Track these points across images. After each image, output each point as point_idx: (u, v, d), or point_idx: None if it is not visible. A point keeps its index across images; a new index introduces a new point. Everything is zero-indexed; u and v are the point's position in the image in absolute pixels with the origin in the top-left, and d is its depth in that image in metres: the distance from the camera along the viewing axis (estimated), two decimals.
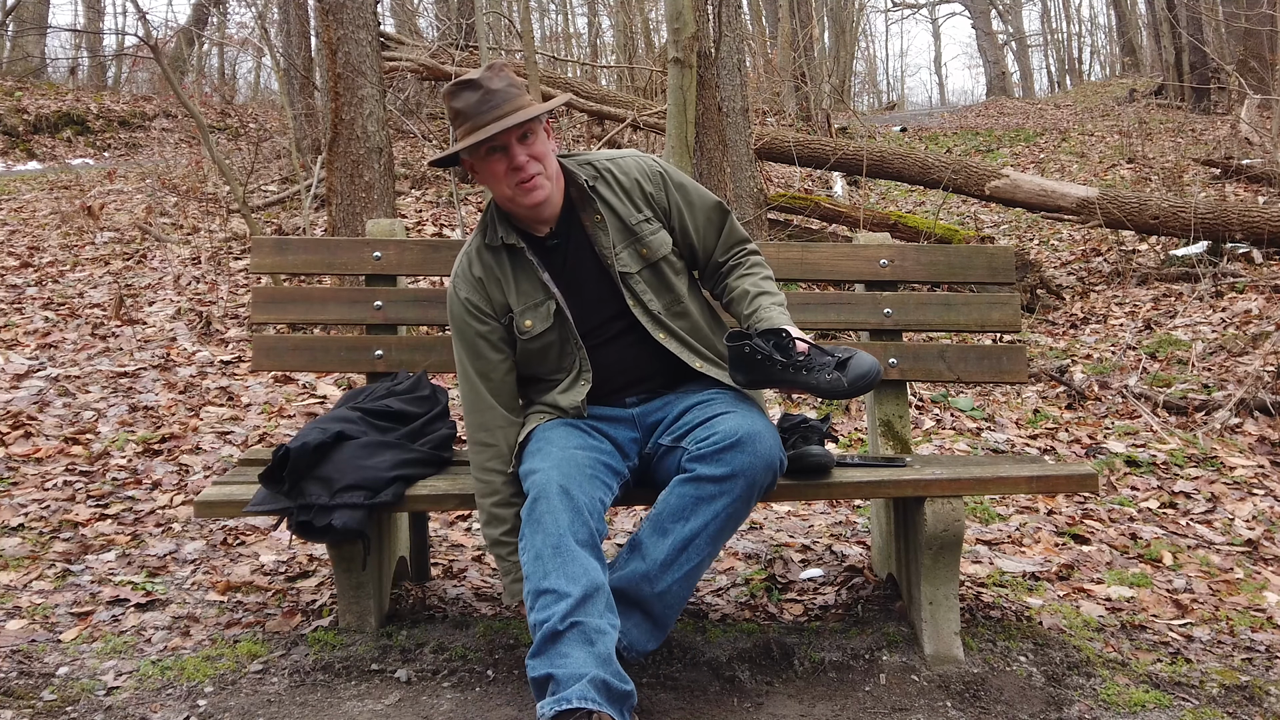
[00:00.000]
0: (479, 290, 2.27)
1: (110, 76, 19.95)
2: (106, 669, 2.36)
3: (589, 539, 2.02)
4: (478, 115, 2.13)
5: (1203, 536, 3.41)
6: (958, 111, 21.62)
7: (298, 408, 4.43)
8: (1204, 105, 14.26)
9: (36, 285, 6.72)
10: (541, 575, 1.97)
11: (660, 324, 2.29)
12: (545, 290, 2.25)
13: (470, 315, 2.27)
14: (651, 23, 14.31)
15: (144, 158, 13.00)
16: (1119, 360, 5.38)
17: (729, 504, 2.06)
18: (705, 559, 2.11)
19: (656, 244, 2.29)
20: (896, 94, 35.37)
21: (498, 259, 2.28)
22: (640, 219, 2.29)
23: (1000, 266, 2.84)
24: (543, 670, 1.90)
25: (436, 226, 8.02)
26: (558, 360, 2.29)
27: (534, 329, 2.25)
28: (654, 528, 2.11)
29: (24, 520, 3.26)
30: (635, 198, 2.30)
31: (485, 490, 2.26)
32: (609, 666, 1.90)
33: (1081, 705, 2.22)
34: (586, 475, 2.10)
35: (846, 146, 8.77)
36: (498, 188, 2.20)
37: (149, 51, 7.76)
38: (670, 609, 2.12)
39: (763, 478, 2.08)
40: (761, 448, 2.06)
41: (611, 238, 2.26)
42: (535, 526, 2.02)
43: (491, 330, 2.28)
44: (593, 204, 2.27)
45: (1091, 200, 7.20)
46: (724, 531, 2.11)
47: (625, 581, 2.10)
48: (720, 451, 2.06)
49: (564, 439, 2.18)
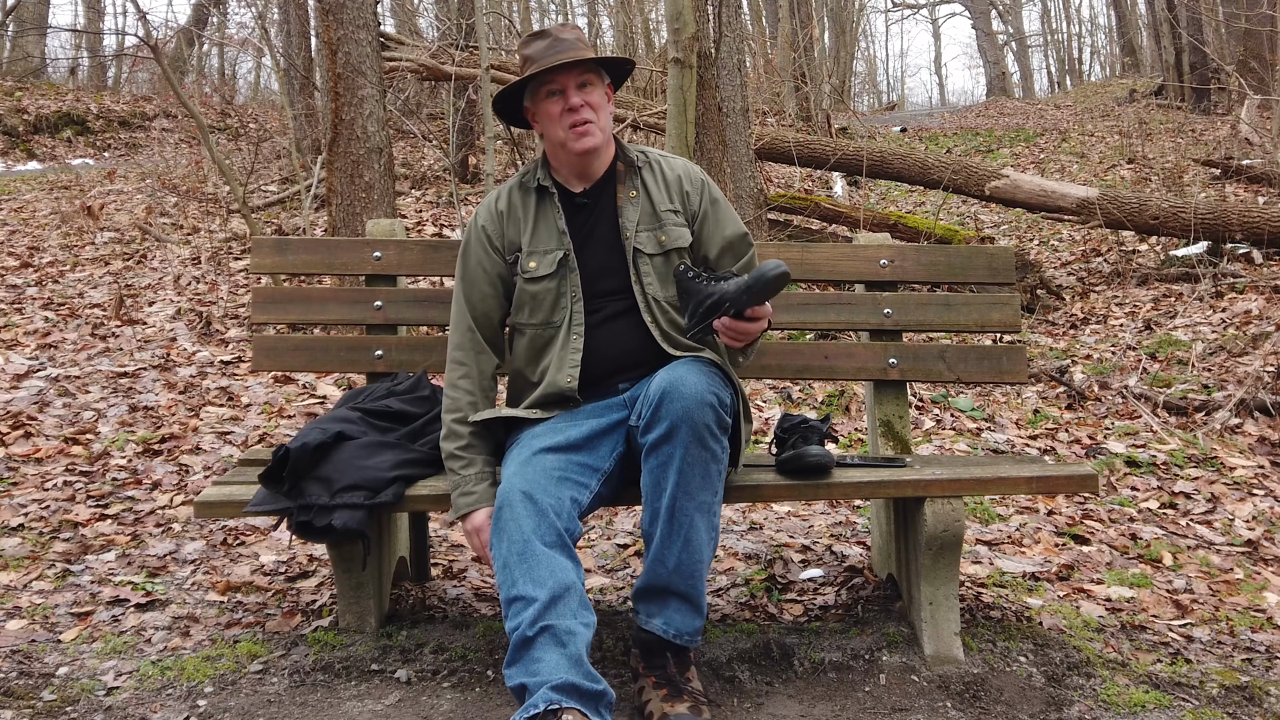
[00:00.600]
0: (496, 223, 2.39)
1: (110, 76, 19.95)
2: (106, 669, 2.36)
3: (556, 539, 2.03)
4: (543, 59, 2.28)
5: (1203, 537, 3.41)
6: (958, 112, 21.62)
7: (298, 408, 4.43)
8: (1204, 105, 14.26)
9: (36, 285, 6.72)
10: (510, 583, 1.99)
11: (651, 308, 2.33)
12: (559, 240, 2.34)
13: (480, 243, 2.39)
14: (651, 23, 14.32)
15: (144, 158, 13.01)
16: (1119, 360, 5.38)
17: (683, 455, 2.05)
18: (696, 519, 2.08)
19: (675, 235, 2.38)
20: (896, 94, 35.39)
21: (525, 200, 2.40)
22: (668, 209, 2.40)
23: (1000, 267, 2.84)
24: (518, 680, 1.93)
25: (436, 226, 8.02)
26: (550, 310, 2.33)
27: (537, 270, 2.33)
28: (648, 514, 2.14)
29: (24, 520, 3.26)
30: (672, 191, 2.42)
31: (450, 405, 2.35)
32: (579, 668, 1.92)
33: (1081, 705, 2.22)
34: (554, 478, 2.11)
35: (846, 147, 8.77)
36: (552, 129, 2.32)
37: (149, 52, 7.76)
38: (690, 580, 2.12)
39: (701, 414, 2.04)
40: (687, 389, 2.05)
41: (638, 216, 2.37)
42: (500, 534, 2.04)
43: (494, 265, 2.38)
44: (633, 180, 2.40)
45: (1091, 200, 7.19)
46: (697, 485, 2.07)
47: (647, 575, 2.15)
48: (654, 413, 2.07)
49: (537, 441, 2.19)
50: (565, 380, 2.28)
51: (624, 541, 3.28)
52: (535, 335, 2.35)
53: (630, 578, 2.99)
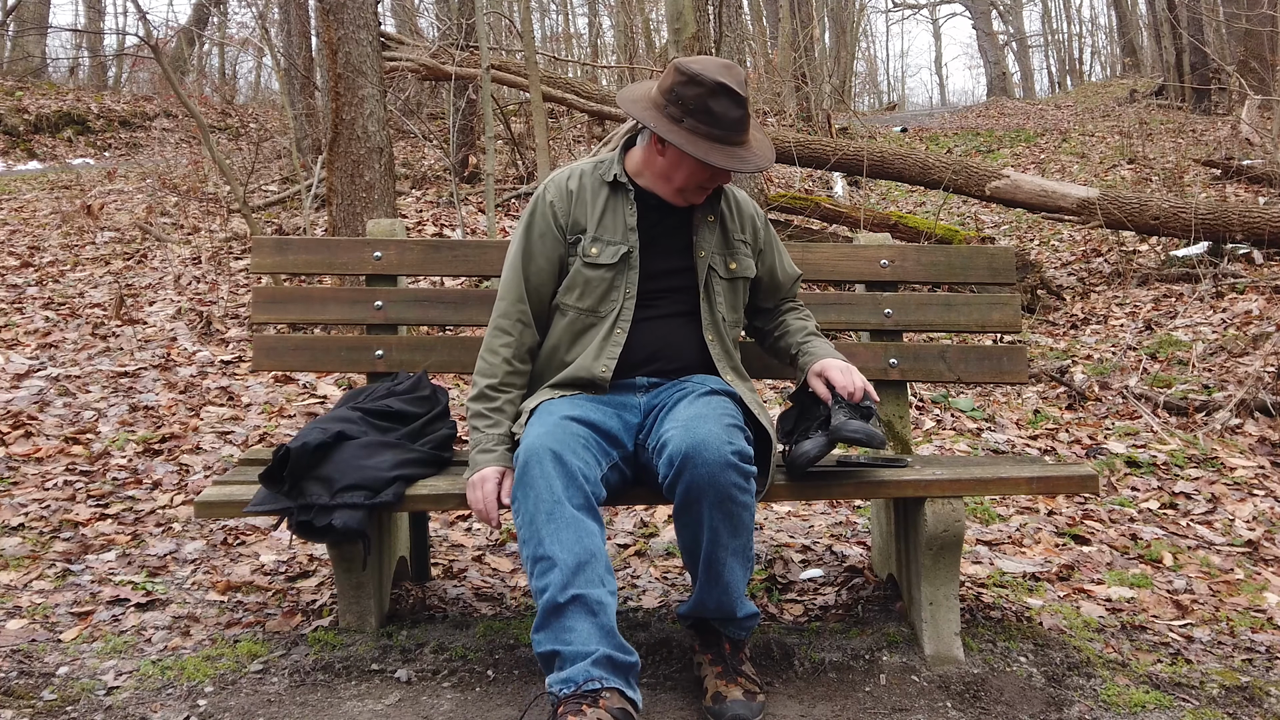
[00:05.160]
0: (565, 201, 2.36)
1: (111, 76, 19.96)
2: (106, 669, 2.36)
3: (584, 502, 2.04)
4: (725, 133, 2.19)
5: (1203, 537, 3.41)
6: (958, 112, 21.62)
7: (298, 408, 4.43)
8: (1204, 106, 14.27)
9: (37, 285, 6.72)
10: (537, 541, 2.00)
11: (718, 326, 2.39)
12: (625, 235, 2.33)
13: (545, 218, 2.35)
14: (652, 23, 14.32)
15: (144, 158, 13.01)
16: (1119, 361, 5.38)
17: (710, 516, 2.05)
18: (731, 562, 2.11)
19: (744, 264, 2.43)
20: (897, 94, 35.39)
21: (597, 187, 2.37)
22: (740, 238, 2.44)
23: (1001, 267, 2.84)
24: (549, 646, 1.94)
25: (437, 226, 8.02)
26: (599, 299, 2.32)
27: (599, 257, 2.31)
28: (686, 555, 2.16)
29: (24, 520, 3.26)
30: (744, 222, 2.47)
31: (487, 370, 2.34)
32: (612, 639, 1.94)
33: (1081, 706, 2.22)
34: (580, 444, 2.11)
35: (847, 147, 8.77)
36: (675, 178, 2.28)
37: (149, 51, 7.76)
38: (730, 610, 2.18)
39: (724, 477, 2.01)
40: (709, 454, 2.01)
41: (714, 240, 2.39)
42: (527, 490, 2.03)
43: (555, 242, 2.34)
44: (713, 205, 2.40)
45: (1092, 201, 7.19)
46: (727, 536, 2.08)
47: (693, 607, 2.21)
48: (676, 476, 2.04)
49: (561, 409, 2.20)
50: (600, 370, 2.29)
51: (624, 541, 3.28)
52: (577, 318, 2.34)
53: (631, 577, 2.99)
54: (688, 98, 2.19)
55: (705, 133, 2.18)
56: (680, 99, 2.19)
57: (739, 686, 2.14)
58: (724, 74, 2.19)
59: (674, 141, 2.19)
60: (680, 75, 2.20)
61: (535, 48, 8.30)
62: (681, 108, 2.20)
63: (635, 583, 2.94)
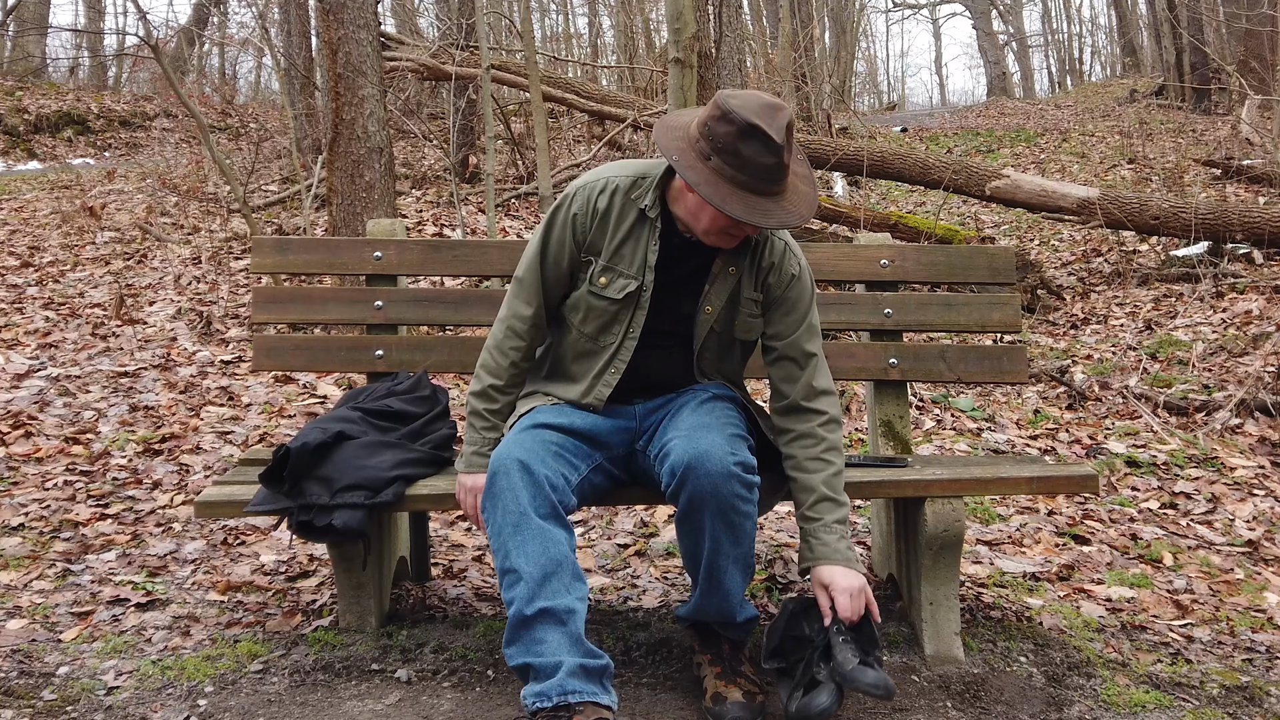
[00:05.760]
0: (588, 218, 2.20)
1: (111, 76, 19.96)
2: (106, 669, 2.36)
3: (551, 511, 2.04)
4: (751, 179, 1.97)
5: (1203, 537, 3.41)
6: (958, 112, 21.62)
7: (298, 408, 4.43)
8: (1205, 106, 14.27)
9: (37, 285, 6.72)
10: (504, 554, 2.01)
11: (706, 374, 2.31)
12: (640, 271, 2.19)
13: (565, 226, 2.22)
14: (652, 23, 14.32)
15: (144, 157, 13.01)
16: (1119, 361, 5.38)
17: (712, 525, 2.05)
18: (731, 569, 2.11)
19: (747, 326, 2.26)
20: (897, 94, 35.39)
21: (624, 210, 2.19)
22: (750, 298, 2.24)
23: (1001, 267, 2.84)
24: (521, 659, 1.96)
25: (437, 226, 8.02)
26: (600, 330, 2.24)
27: (606, 289, 2.20)
28: (687, 560, 2.16)
29: (24, 520, 3.26)
30: (762, 276, 2.24)
31: (494, 369, 2.28)
32: (580, 647, 1.96)
33: (1081, 706, 2.22)
34: (550, 452, 2.11)
35: (847, 147, 8.77)
36: (700, 219, 2.09)
37: (149, 51, 7.76)
38: (729, 615, 2.18)
39: (726, 487, 2.00)
40: (712, 464, 1.99)
41: (726, 294, 2.22)
42: (495, 501, 2.04)
43: (571, 252, 2.23)
44: (739, 257, 2.20)
45: (1092, 201, 7.19)
46: (729, 544, 2.07)
47: (693, 611, 2.22)
48: (678, 486, 2.03)
49: (541, 417, 2.20)
50: (592, 400, 2.25)
51: (624, 541, 3.28)
52: (578, 339, 2.28)
53: (631, 577, 2.99)
54: (718, 135, 1.97)
55: (730, 176, 1.97)
56: (712, 135, 1.98)
57: (739, 687, 2.14)
58: (760, 115, 1.96)
59: (690, 180, 1.98)
60: (716, 109, 2.00)
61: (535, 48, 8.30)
62: (711, 144, 1.99)
63: (635, 583, 2.94)
